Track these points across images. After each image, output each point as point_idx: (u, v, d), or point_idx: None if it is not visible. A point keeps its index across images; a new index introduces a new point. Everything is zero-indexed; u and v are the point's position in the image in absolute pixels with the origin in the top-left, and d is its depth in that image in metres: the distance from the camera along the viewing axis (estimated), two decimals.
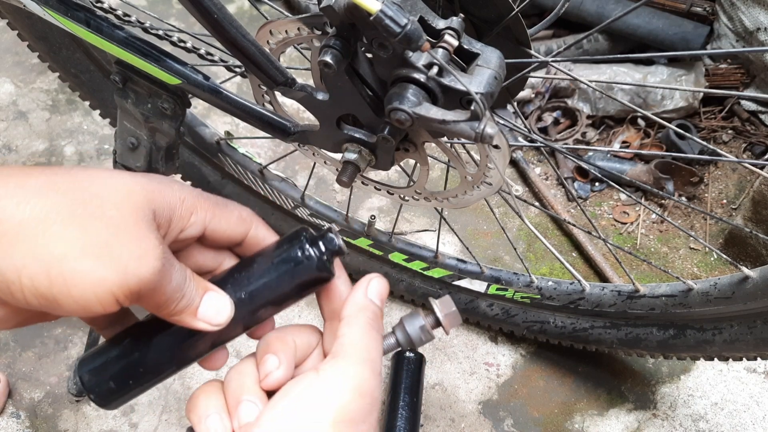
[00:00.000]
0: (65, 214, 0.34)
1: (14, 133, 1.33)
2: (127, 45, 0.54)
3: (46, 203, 0.34)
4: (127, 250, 0.35)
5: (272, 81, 0.52)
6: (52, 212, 0.34)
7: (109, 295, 0.34)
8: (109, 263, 0.34)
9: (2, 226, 0.33)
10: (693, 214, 1.30)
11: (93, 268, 0.33)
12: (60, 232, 0.33)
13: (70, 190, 0.35)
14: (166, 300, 0.38)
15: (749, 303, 0.74)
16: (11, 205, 0.33)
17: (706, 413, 1.04)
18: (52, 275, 0.33)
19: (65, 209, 0.34)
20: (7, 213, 0.33)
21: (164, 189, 0.39)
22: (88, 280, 0.33)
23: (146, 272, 0.35)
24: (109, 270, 0.34)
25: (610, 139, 1.40)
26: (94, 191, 0.36)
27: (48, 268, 0.33)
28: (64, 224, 0.34)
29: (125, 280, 0.34)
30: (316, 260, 0.45)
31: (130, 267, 0.34)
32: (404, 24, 0.41)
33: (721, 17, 1.38)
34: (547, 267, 1.22)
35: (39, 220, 0.33)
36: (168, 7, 1.66)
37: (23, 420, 0.98)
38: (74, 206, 0.34)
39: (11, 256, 0.33)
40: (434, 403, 1.03)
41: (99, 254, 0.34)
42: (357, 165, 0.55)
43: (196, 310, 0.40)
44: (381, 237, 1.02)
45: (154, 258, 0.36)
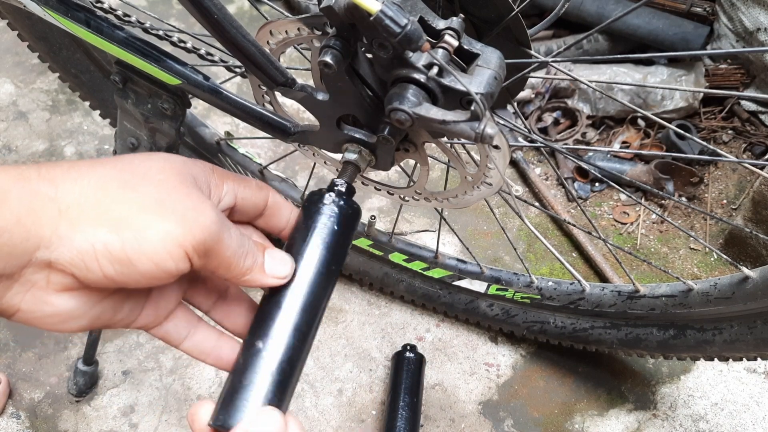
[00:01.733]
0: (118, 181, 0.36)
1: (14, 133, 1.33)
2: (127, 45, 0.54)
3: (99, 175, 0.35)
4: (182, 205, 0.36)
5: (272, 81, 0.52)
6: (106, 182, 0.35)
7: (178, 248, 0.35)
8: (171, 216, 0.35)
9: (65, 200, 0.34)
10: (693, 214, 1.30)
11: (157, 221, 0.35)
12: (118, 196, 0.35)
13: (116, 165, 0.37)
14: (233, 254, 0.39)
15: (749, 303, 0.74)
16: (69, 182, 0.34)
17: (706, 413, 1.04)
18: (123, 235, 0.34)
19: (117, 178, 0.36)
20: (67, 188, 0.34)
21: (194, 163, 0.41)
22: (155, 233, 0.35)
23: (206, 221, 0.36)
24: (172, 223, 0.35)
25: (610, 140, 1.40)
26: (137, 163, 0.38)
27: (116, 229, 0.34)
28: (119, 189, 0.35)
29: (190, 231, 0.35)
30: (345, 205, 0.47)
31: (189, 218, 0.36)
32: (404, 24, 0.41)
33: (721, 17, 1.38)
34: (547, 267, 1.22)
35: (97, 189, 0.35)
36: (168, 8, 1.66)
37: (23, 420, 0.98)
38: (123, 175, 0.36)
39: (81, 229, 0.34)
40: (434, 403, 1.03)
41: (159, 210, 0.35)
42: (357, 165, 0.55)
43: (263, 266, 0.41)
44: (381, 237, 1.02)
45: (210, 208, 0.37)
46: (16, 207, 0.32)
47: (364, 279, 1.12)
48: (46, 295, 0.35)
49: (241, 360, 0.42)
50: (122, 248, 0.34)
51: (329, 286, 0.46)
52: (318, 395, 1.03)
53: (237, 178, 0.44)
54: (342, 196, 0.48)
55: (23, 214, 0.32)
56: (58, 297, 0.35)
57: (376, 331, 1.11)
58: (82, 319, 0.37)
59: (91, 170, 0.36)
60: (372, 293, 1.16)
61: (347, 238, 0.48)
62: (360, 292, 1.16)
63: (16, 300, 0.35)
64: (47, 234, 0.33)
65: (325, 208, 0.47)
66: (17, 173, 0.34)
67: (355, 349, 1.09)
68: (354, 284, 1.16)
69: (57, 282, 0.35)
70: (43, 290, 0.35)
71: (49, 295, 0.35)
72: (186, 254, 0.36)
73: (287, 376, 0.42)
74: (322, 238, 0.46)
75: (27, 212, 0.33)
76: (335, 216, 0.47)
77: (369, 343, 1.10)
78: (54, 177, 0.34)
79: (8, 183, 0.33)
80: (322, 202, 0.47)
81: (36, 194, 0.33)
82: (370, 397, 1.04)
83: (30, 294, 0.35)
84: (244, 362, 0.42)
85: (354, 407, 1.02)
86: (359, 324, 1.12)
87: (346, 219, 0.47)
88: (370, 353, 1.08)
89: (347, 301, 1.15)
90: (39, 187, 0.34)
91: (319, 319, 0.45)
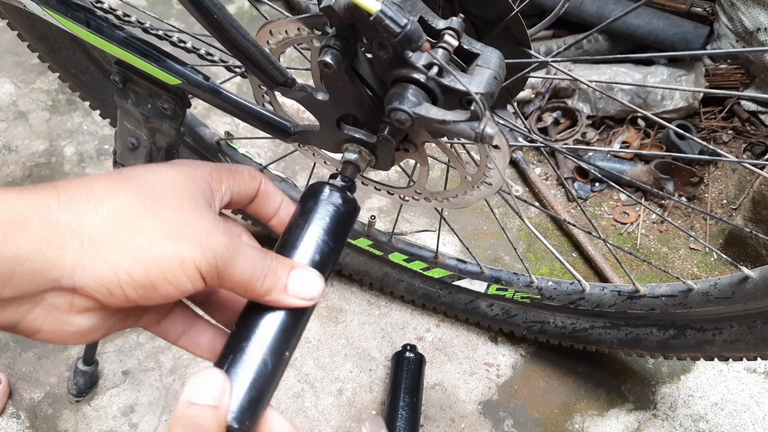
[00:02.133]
0: (137, 207, 0.36)
1: (14, 133, 1.33)
2: (127, 45, 0.54)
3: (119, 202, 0.36)
4: (196, 229, 0.37)
5: (272, 81, 0.52)
6: (126, 208, 0.36)
7: (195, 272, 0.36)
8: (189, 241, 0.36)
9: (87, 231, 0.34)
10: (693, 214, 1.30)
11: (177, 248, 0.36)
12: (139, 224, 0.36)
13: (133, 187, 0.38)
14: (248, 277, 0.39)
15: (749, 303, 0.74)
16: (90, 211, 0.35)
17: (706, 413, 1.04)
18: (146, 263, 0.35)
19: (136, 204, 0.36)
20: (88, 218, 0.35)
21: (196, 171, 0.42)
22: (175, 259, 0.36)
23: (218, 247, 0.37)
24: (189, 247, 0.36)
25: (610, 140, 1.40)
26: (152, 184, 0.38)
27: (140, 258, 0.35)
28: (139, 216, 0.36)
29: (204, 255, 0.36)
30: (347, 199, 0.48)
31: (203, 243, 0.37)
32: (404, 24, 0.41)
33: (721, 17, 1.38)
34: (547, 267, 1.22)
35: (117, 218, 0.35)
36: (168, 8, 1.66)
37: (23, 420, 0.98)
38: (142, 199, 0.37)
39: (103, 257, 0.34)
40: (434, 403, 1.03)
41: (177, 236, 0.36)
42: (357, 165, 0.55)
43: (285, 288, 0.42)
44: (381, 237, 1.02)
45: (221, 233, 0.38)
46: (37, 236, 0.33)
47: (364, 279, 1.12)
48: (67, 317, 0.36)
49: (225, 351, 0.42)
50: (146, 276, 0.35)
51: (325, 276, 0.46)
52: (318, 395, 1.03)
53: (231, 174, 0.45)
54: (341, 190, 0.48)
55: (44, 245, 0.33)
56: (79, 317, 0.36)
57: (376, 331, 1.11)
58: (98, 332, 0.38)
59: (111, 197, 0.36)
60: (372, 293, 1.16)
61: (344, 231, 0.48)
62: (360, 292, 1.16)
63: (38, 322, 0.35)
64: (69, 264, 0.34)
65: (324, 200, 0.47)
66: (37, 200, 0.34)
67: (355, 349, 1.09)
68: (354, 284, 1.16)
69: (79, 305, 0.36)
70: (65, 312, 0.36)
71: (71, 317, 0.36)
72: (201, 275, 0.37)
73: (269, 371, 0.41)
74: (320, 229, 0.46)
75: (47, 243, 0.33)
76: (334, 208, 0.47)
77: (369, 343, 1.10)
78: (74, 204, 0.35)
79: (28, 211, 0.33)
80: (322, 194, 0.48)
81: (56, 225, 0.34)
82: (370, 397, 1.04)
83: (52, 317, 0.36)
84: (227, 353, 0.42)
85: (354, 407, 1.02)
86: (359, 324, 1.12)
87: (344, 212, 0.48)
88: (370, 353, 1.08)
89: (347, 301, 1.15)
90: (59, 217, 0.34)
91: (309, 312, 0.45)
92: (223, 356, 0.41)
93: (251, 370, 0.41)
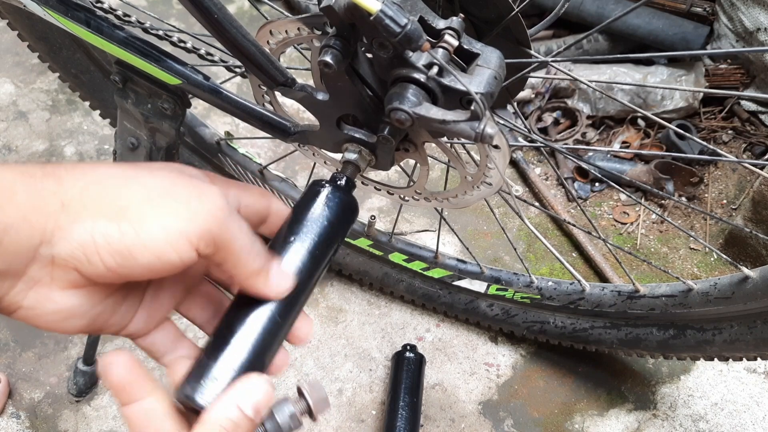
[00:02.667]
0: (122, 175, 0.36)
1: (14, 133, 1.33)
2: (127, 45, 0.54)
3: (103, 170, 0.36)
4: (186, 192, 0.36)
5: (272, 81, 0.52)
6: (110, 175, 0.36)
7: (182, 239, 0.34)
8: (174, 205, 0.35)
9: (68, 194, 0.34)
10: (693, 214, 1.30)
11: (158, 211, 0.34)
12: (121, 189, 0.35)
13: (121, 163, 0.38)
14: (242, 249, 0.38)
15: (749, 303, 0.74)
16: (73, 178, 0.35)
17: (706, 413, 1.04)
18: (122, 227, 0.34)
19: (121, 172, 0.36)
20: (70, 183, 0.34)
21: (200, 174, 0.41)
22: (156, 225, 0.34)
23: (212, 207, 0.36)
24: (174, 212, 0.34)
25: (610, 140, 1.40)
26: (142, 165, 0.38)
27: (116, 220, 0.34)
28: (123, 183, 0.35)
29: (194, 219, 0.35)
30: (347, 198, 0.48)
31: (193, 206, 0.35)
32: (404, 24, 0.41)
33: (721, 17, 1.38)
34: (547, 267, 1.22)
35: (99, 183, 0.35)
36: (168, 8, 1.66)
37: (23, 420, 0.98)
38: (128, 170, 0.36)
39: (81, 219, 0.34)
40: (434, 403, 1.03)
41: (162, 200, 0.35)
42: (357, 165, 0.55)
43: (268, 274, 0.40)
44: (381, 237, 1.02)
45: (217, 194, 0.36)
46: (22, 204, 0.32)
47: (364, 279, 1.12)
48: (49, 292, 0.35)
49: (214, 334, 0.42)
50: (121, 239, 0.33)
51: (317, 273, 0.46)
52: None
53: (240, 185, 0.44)
54: (341, 189, 0.48)
55: (28, 210, 0.33)
56: (61, 294, 0.35)
57: (376, 331, 1.11)
58: (82, 318, 0.37)
59: (96, 167, 0.36)
60: (372, 293, 1.16)
61: (342, 230, 0.48)
62: (360, 292, 1.16)
63: (19, 297, 0.34)
64: (49, 227, 0.33)
65: (323, 198, 0.47)
66: (22, 170, 0.34)
67: (355, 349, 1.09)
68: (354, 284, 1.16)
69: (61, 278, 0.35)
70: (47, 287, 0.35)
71: (52, 292, 0.35)
72: (191, 244, 0.35)
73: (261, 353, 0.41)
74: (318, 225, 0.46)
75: (32, 209, 0.33)
76: (333, 206, 0.47)
77: (369, 343, 1.10)
78: (58, 173, 0.35)
79: (14, 181, 0.33)
80: (322, 191, 0.48)
81: (40, 191, 0.33)
82: (370, 397, 1.04)
83: (33, 291, 0.35)
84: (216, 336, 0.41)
85: (354, 407, 1.02)
86: (359, 324, 1.12)
87: (343, 209, 0.48)
88: (370, 353, 1.08)
89: (347, 301, 1.15)
90: (44, 184, 0.34)
91: (301, 305, 0.45)
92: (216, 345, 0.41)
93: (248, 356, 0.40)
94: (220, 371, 0.39)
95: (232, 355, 0.40)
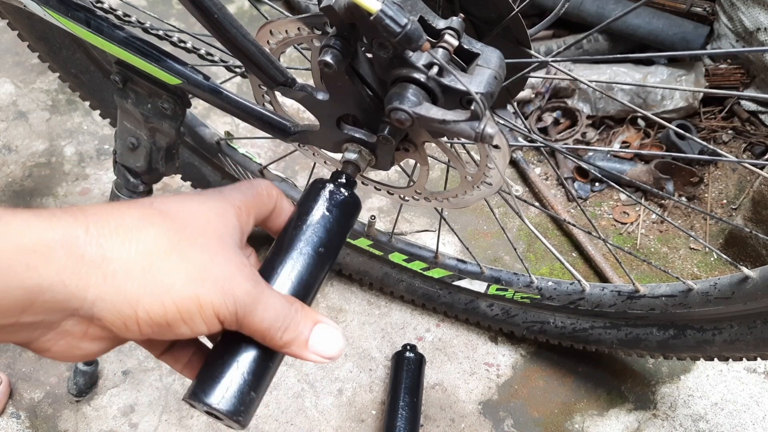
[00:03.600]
0: (165, 246, 0.36)
1: (14, 133, 1.33)
2: (128, 45, 0.54)
3: (147, 238, 0.36)
4: (221, 273, 0.37)
5: (272, 81, 0.52)
6: (154, 246, 0.36)
7: (213, 317, 0.36)
8: (212, 285, 0.36)
9: (112, 265, 0.34)
10: (693, 214, 1.30)
11: (198, 291, 0.36)
12: (165, 264, 0.36)
13: (164, 222, 0.37)
14: (268, 327, 0.39)
15: (749, 303, 0.74)
16: (117, 245, 0.35)
17: (706, 413, 1.04)
18: (166, 305, 0.35)
19: (164, 242, 0.36)
20: (114, 253, 0.35)
21: (227, 209, 0.41)
22: (195, 303, 0.36)
23: (239, 292, 0.37)
24: (210, 292, 0.36)
25: (610, 139, 1.40)
26: (183, 221, 0.38)
27: (161, 298, 0.35)
28: (166, 256, 0.36)
29: (224, 300, 0.36)
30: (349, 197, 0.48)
31: (226, 288, 0.37)
32: (404, 24, 0.41)
33: (721, 17, 1.38)
34: (547, 267, 1.22)
35: (144, 255, 0.35)
36: (168, 8, 1.66)
37: (23, 420, 0.98)
38: (171, 237, 0.37)
39: (125, 293, 0.34)
40: (434, 403, 1.03)
41: (201, 279, 0.36)
42: (357, 165, 0.55)
43: (306, 342, 0.41)
44: (381, 237, 1.02)
45: (245, 278, 0.38)
46: (61, 268, 0.33)
47: (364, 279, 1.12)
48: (79, 343, 0.36)
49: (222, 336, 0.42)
50: (164, 316, 0.35)
51: (322, 273, 0.46)
52: (318, 395, 1.03)
53: (256, 203, 0.44)
54: (344, 186, 0.49)
55: (67, 276, 0.33)
56: (90, 344, 0.37)
57: (376, 331, 1.11)
58: (101, 353, 0.39)
59: (140, 231, 0.36)
60: (372, 293, 1.16)
61: (346, 227, 0.48)
62: (360, 292, 1.16)
63: (49, 344, 0.36)
64: (90, 297, 0.34)
65: (325, 196, 0.48)
66: (64, 230, 0.33)
67: (355, 349, 1.09)
68: (354, 284, 1.16)
69: (93, 334, 0.36)
70: (78, 339, 0.36)
71: (83, 343, 0.36)
72: (218, 321, 0.37)
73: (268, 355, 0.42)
74: (321, 227, 0.46)
75: (71, 275, 0.33)
76: (336, 204, 0.47)
77: (369, 343, 1.10)
78: (102, 237, 0.35)
79: (54, 240, 0.33)
80: (324, 190, 0.48)
81: (82, 257, 0.33)
82: (370, 397, 1.04)
83: (64, 341, 0.36)
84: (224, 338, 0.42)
85: (354, 407, 1.02)
86: (359, 324, 1.12)
87: (346, 207, 0.48)
88: (370, 353, 1.08)
89: (347, 301, 1.15)
90: (86, 249, 0.34)
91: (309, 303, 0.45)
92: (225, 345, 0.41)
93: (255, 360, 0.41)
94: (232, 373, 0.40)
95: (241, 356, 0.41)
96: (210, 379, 0.40)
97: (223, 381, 0.40)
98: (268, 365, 0.42)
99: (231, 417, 0.39)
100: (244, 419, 0.40)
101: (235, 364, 0.40)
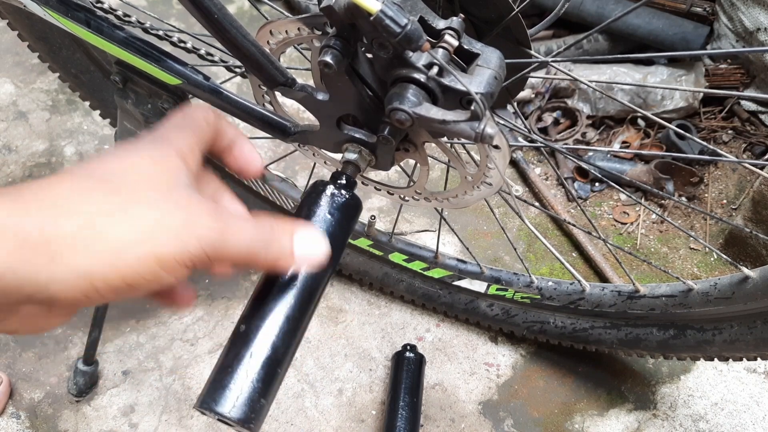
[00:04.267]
0: (106, 210, 0.35)
1: (14, 133, 1.33)
2: (128, 45, 0.54)
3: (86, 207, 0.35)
4: (174, 221, 0.35)
5: (272, 81, 0.52)
6: (95, 214, 0.34)
7: (177, 266, 0.35)
8: (167, 237, 0.35)
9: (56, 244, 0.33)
10: (693, 214, 1.30)
11: (154, 248, 0.34)
12: (111, 229, 0.34)
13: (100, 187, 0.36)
14: (247, 251, 0.38)
15: (749, 303, 0.74)
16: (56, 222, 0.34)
17: (706, 413, 1.04)
18: (121, 269, 0.34)
19: (104, 207, 0.35)
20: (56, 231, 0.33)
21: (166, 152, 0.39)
22: (152, 259, 0.34)
23: (202, 231, 0.36)
24: (168, 245, 0.35)
25: (610, 140, 1.40)
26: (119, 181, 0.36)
27: (115, 265, 0.34)
28: (110, 220, 0.34)
29: (184, 246, 0.35)
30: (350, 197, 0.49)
31: (182, 234, 0.35)
32: (404, 24, 0.41)
33: (721, 17, 1.38)
34: (547, 267, 1.22)
35: (86, 226, 0.34)
36: (168, 8, 1.66)
37: (23, 420, 0.98)
38: (110, 200, 0.35)
39: (75, 269, 0.33)
40: (434, 403, 1.03)
41: (153, 233, 0.35)
42: (357, 165, 0.55)
43: (291, 254, 0.40)
44: (381, 237, 1.02)
45: (205, 215, 0.37)
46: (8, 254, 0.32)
47: (364, 279, 1.12)
48: (46, 319, 0.36)
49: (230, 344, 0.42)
50: (123, 281, 0.34)
51: (326, 274, 0.46)
52: (318, 395, 1.03)
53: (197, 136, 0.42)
54: (344, 187, 0.49)
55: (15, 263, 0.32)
56: (57, 318, 0.36)
57: (376, 331, 1.11)
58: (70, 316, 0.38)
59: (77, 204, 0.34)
60: (372, 293, 1.16)
61: (348, 228, 0.48)
62: (360, 292, 1.16)
63: (15, 326, 0.35)
64: (43, 280, 0.33)
65: (327, 199, 0.48)
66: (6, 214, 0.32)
67: (355, 349, 1.09)
68: (354, 284, 1.16)
69: (59, 311, 0.36)
70: (44, 317, 0.35)
71: (50, 319, 0.36)
72: (186, 267, 0.36)
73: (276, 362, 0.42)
74: (324, 227, 0.46)
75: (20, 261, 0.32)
76: (338, 206, 0.47)
77: (369, 343, 1.10)
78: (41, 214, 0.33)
79: None
80: (325, 192, 0.48)
81: (26, 242, 0.32)
82: (370, 397, 1.04)
83: (29, 321, 0.35)
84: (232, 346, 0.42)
85: (354, 407, 1.02)
86: (359, 324, 1.12)
87: (347, 208, 0.48)
88: (370, 353, 1.08)
89: (347, 301, 1.15)
90: (29, 233, 0.32)
91: (313, 310, 0.45)
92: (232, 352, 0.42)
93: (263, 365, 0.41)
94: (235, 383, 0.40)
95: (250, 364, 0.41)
96: (221, 387, 0.40)
97: (233, 389, 0.40)
98: (276, 372, 0.42)
99: (243, 425, 0.39)
100: (255, 426, 0.40)
101: (245, 372, 0.40)
